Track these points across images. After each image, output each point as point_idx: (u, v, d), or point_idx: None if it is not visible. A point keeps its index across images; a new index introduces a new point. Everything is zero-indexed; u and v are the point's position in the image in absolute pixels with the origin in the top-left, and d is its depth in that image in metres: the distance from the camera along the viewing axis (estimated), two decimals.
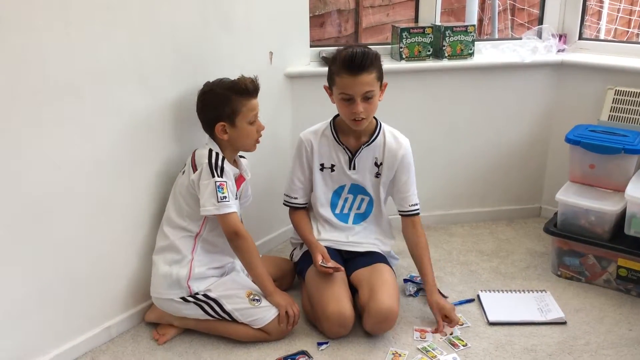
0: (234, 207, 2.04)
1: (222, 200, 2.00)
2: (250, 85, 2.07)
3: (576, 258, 2.48)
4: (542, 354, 2.07)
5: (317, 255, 2.18)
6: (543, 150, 3.00)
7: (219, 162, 2.05)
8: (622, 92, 2.66)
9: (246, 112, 2.07)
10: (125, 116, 2.02)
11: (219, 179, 2.01)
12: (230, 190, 2.04)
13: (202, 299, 2.07)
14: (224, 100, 2.05)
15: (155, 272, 2.11)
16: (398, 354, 2.07)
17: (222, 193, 2.00)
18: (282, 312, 2.09)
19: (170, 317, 2.14)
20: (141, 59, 2.02)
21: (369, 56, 2.09)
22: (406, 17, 3.96)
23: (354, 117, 2.15)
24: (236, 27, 2.36)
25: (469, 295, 2.41)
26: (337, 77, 2.13)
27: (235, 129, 2.08)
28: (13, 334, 1.85)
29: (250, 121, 2.09)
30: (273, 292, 2.12)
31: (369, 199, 2.35)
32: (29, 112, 1.74)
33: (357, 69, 2.08)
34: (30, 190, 1.80)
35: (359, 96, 2.11)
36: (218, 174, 2.02)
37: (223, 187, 2.01)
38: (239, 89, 2.05)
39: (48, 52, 1.75)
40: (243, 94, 2.06)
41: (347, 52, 2.10)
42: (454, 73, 2.82)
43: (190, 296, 2.07)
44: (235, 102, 2.05)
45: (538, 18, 3.13)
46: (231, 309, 2.07)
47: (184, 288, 2.06)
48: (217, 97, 2.06)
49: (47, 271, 1.90)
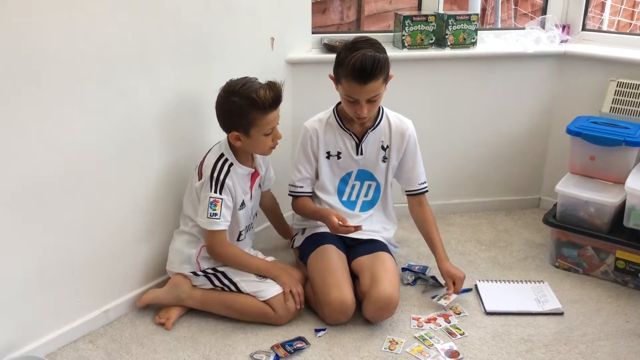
0: (222, 225, 2.08)
1: (212, 217, 2.06)
2: (271, 100, 2.01)
3: (574, 249, 2.49)
4: (539, 344, 2.08)
5: (333, 218, 2.16)
6: (543, 141, 2.99)
7: (221, 177, 2.07)
8: (624, 84, 2.65)
9: (263, 126, 2.05)
10: (127, 99, 2.02)
11: (214, 195, 2.05)
12: (225, 206, 2.07)
13: (210, 272, 2.17)
14: (242, 112, 2.02)
15: (172, 247, 2.22)
16: (395, 342, 2.08)
17: (214, 210, 2.05)
18: (286, 289, 2.12)
19: (167, 297, 2.16)
20: (144, 42, 2.01)
21: (379, 65, 2.06)
22: (409, 5, 3.95)
23: (358, 116, 2.18)
24: (238, 12, 2.34)
25: (467, 284, 2.41)
26: (344, 79, 2.11)
27: (249, 139, 2.08)
28: (11, 317, 1.86)
29: (265, 133, 2.08)
30: (277, 275, 2.15)
31: (376, 184, 2.36)
32: (29, 93, 1.74)
33: (366, 79, 2.06)
34: (30, 172, 1.80)
35: (364, 100, 2.12)
36: (216, 189, 2.06)
37: (216, 204, 2.05)
38: (257, 105, 2.00)
39: (49, 33, 1.74)
40: (261, 109, 2.02)
41: (357, 59, 2.04)
42: (457, 62, 2.81)
43: (201, 271, 2.16)
44: (252, 116, 2.02)
45: (541, 8, 3.11)
46: (238, 280, 2.14)
47: (194, 264, 2.17)
48: (236, 106, 2.02)
49: (45, 254, 1.90)
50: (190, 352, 2.03)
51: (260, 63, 2.46)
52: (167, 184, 2.23)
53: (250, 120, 2.02)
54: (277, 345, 2.03)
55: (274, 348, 2.02)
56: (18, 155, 1.75)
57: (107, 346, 2.04)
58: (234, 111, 2.03)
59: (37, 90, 1.75)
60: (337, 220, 2.16)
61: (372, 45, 2.11)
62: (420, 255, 2.63)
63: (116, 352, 2.02)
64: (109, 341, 2.07)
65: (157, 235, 2.26)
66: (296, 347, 2.02)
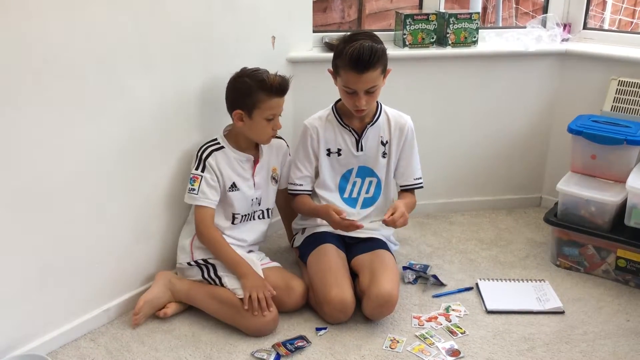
0: (201, 200, 2.15)
1: (190, 192, 2.16)
2: (278, 85, 2.12)
3: (575, 248, 2.49)
4: (540, 342, 2.08)
5: (332, 213, 2.18)
6: (545, 140, 2.99)
7: (204, 155, 2.16)
8: (625, 82, 2.64)
9: (265, 109, 2.13)
10: (128, 98, 2.02)
11: (194, 171, 2.16)
12: (206, 184, 2.15)
13: (202, 262, 2.20)
14: (249, 90, 2.12)
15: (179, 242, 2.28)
16: (396, 340, 2.08)
17: (192, 185, 2.15)
18: (245, 294, 2.07)
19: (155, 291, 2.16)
20: (144, 42, 2.01)
21: (376, 54, 2.09)
22: (410, 4, 3.95)
23: (356, 108, 2.19)
24: (239, 11, 2.34)
25: (468, 283, 2.42)
26: (342, 70, 2.14)
27: (250, 121, 2.15)
28: (13, 315, 1.86)
29: (267, 118, 2.15)
30: (242, 276, 2.12)
31: (377, 180, 2.36)
32: (29, 93, 1.74)
33: (363, 68, 2.08)
34: (30, 171, 1.80)
35: (363, 91, 2.13)
36: (197, 167, 2.16)
37: (195, 180, 2.15)
38: (265, 86, 2.10)
39: (50, 33, 1.74)
40: (267, 91, 2.11)
41: (355, 48, 2.08)
42: (458, 61, 2.81)
43: (194, 261, 2.20)
44: (257, 96, 2.11)
45: (542, 7, 3.10)
46: (222, 275, 2.16)
47: (188, 253, 2.21)
48: (244, 85, 2.12)
49: (47, 253, 1.90)
50: (192, 350, 2.03)
51: (261, 62, 2.44)
52: (168, 183, 2.24)
53: (255, 100, 2.11)
54: (278, 343, 2.04)
55: (275, 346, 2.02)
56: (18, 155, 1.75)
57: (108, 344, 2.04)
58: (242, 89, 2.13)
59: (37, 90, 1.75)
60: (336, 215, 2.16)
61: (369, 37, 2.15)
62: (421, 254, 2.63)
63: (117, 351, 2.02)
64: (110, 339, 2.07)
65: (157, 234, 2.26)
66: (297, 346, 2.02)
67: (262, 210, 2.33)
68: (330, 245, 2.26)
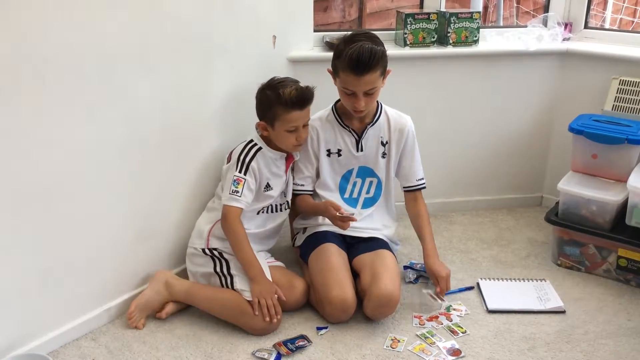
0: (242, 203, 2.15)
1: (233, 194, 2.14)
2: (295, 98, 2.13)
3: (576, 248, 2.49)
4: (541, 342, 2.08)
5: (330, 209, 2.19)
6: (546, 139, 2.99)
7: (247, 159, 2.17)
8: (626, 82, 2.64)
9: (284, 121, 2.16)
10: (128, 98, 2.01)
11: (238, 174, 2.15)
12: (247, 187, 2.15)
13: (216, 255, 2.20)
14: (268, 104, 2.16)
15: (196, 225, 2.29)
16: (397, 340, 2.08)
17: (236, 187, 2.15)
18: (254, 299, 2.07)
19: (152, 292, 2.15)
20: (144, 41, 2.01)
21: (375, 56, 2.08)
22: (411, 3, 3.94)
23: (355, 109, 2.19)
24: (240, 10, 2.34)
25: (469, 283, 2.42)
26: (341, 71, 2.14)
27: (273, 132, 2.19)
28: (14, 315, 1.86)
29: (288, 130, 2.17)
30: (253, 278, 2.11)
31: (377, 181, 2.36)
32: (30, 93, 1.74)
33: (362, 70, 2.08)
34: (31, 170, 1.80)
35: (362, 92, 2.13)
36: (241, 170, 2.16)
37: (239, 183, 2.15)
38: (281, 100, 2.13)
39: (50, 33, 1.74)
40: (284, 105, 2.13)
41: (354, 50, 2.07)
42: (459, 60, 2.81)
43: (208, 249, 2.20)
44: (276, 110, 2.15)
45: (543, 6, 3.10)
46: (235, 273, 2.15)
47: (204, 240, 2.22)
48: (265, 97, 2.18)
49: (47, 252, 1.90)
50: (192, 350, 2.03)
51: (262, 61, 2.46)
52: (168, 183, 2.24)
53: (274, 113, 2.15)
54: (279, 343, 2.04)
55: (276, 346, 2.03)
56: (19, 154, 1.75)
57: (109, 344, 2.05)
58: (263, 101, 2.19)
59: (37, 90, 1.75)
60: (335, 210, 2.17)
61: (369, 39, 2.14)
62: (422, 253, 2.62)
63: (118, 350, 2.02)
64: (111, 339, 2.07)
65: (158, 233, 2.26)
66: (298, 345, 2.02)
67: (287, 201, 2.35)
68: (332, 245, 2.26)
